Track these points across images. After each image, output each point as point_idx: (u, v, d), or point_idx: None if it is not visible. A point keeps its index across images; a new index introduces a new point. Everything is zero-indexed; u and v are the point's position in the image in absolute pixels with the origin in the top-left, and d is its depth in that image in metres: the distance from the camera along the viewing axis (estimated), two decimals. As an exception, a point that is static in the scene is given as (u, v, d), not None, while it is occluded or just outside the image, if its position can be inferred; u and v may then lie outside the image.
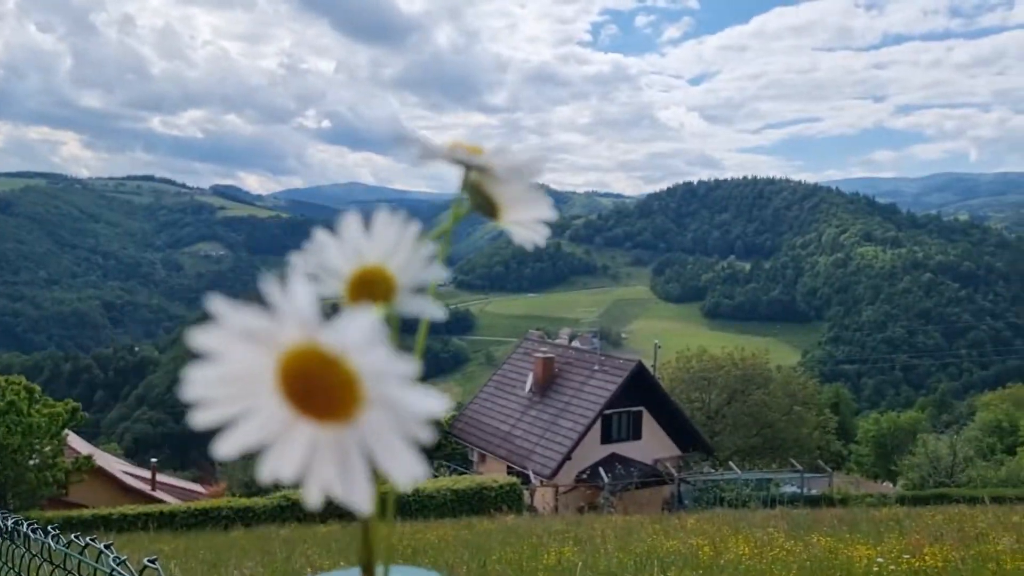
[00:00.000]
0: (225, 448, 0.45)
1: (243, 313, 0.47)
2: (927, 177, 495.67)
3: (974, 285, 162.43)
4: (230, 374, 0.46)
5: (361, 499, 0.47)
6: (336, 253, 0.60)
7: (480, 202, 0.71)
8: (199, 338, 0.46)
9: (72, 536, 2.55)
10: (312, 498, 0.46)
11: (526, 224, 0.74)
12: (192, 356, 0.45)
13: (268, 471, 0.46)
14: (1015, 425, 38.55)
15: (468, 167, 0.68)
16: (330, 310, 0.46)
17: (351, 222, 0.61)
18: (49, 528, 2.79)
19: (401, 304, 0.61)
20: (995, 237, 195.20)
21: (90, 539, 2.40)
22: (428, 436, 0.45)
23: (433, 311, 0.61)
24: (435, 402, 0.46)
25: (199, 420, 0.45)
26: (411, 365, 0.45)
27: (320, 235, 0.61)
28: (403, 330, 0.58)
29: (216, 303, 0.46)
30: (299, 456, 0.46)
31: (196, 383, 0.45)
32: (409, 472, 0.46)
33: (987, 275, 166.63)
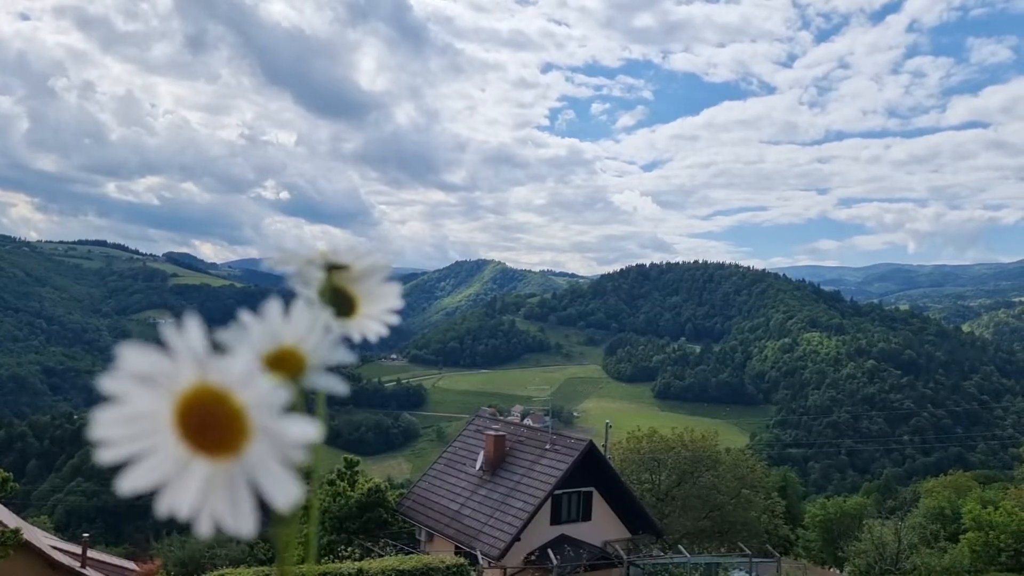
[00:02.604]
0: (127, 485, 0.50)
1: (143, 356, 0.51)
2: (869, 267, 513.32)
3: (915, 373, 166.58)
4: (131, 414, 0.50)
5: (247, 527, 0.52)
6: (258, 332, 0.69)
7: (339, 300, 0.83)
8: (104, 382, 0.50)
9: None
10: (203, 529, 0.52)
11: (377, 316, 0.86)
12: (100, 399, 0.49)
13: (164, 506, 0.51)
14: (957, 512, 39.10)
15: (331, 268, 0.82)
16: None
17: (272, 307, 0.70)
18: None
19: (310, 380, 0.70)
20: (935, 327, 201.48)
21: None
22: (302, 459, 0.51)
23: (337, 387, 0.71)
24: (308, 428, 0.52)
25: (103, 458, 0.50)
26: (286, 393, 0.52)
27: (244, 316, 0.70)
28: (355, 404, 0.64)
29: (122, 348, 0.51)
30: (194, 491, 0.51)
31: (100, 423, 0.50)
32: (288, 495, 0.52)
33: (928, 363, 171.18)
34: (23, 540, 21.64)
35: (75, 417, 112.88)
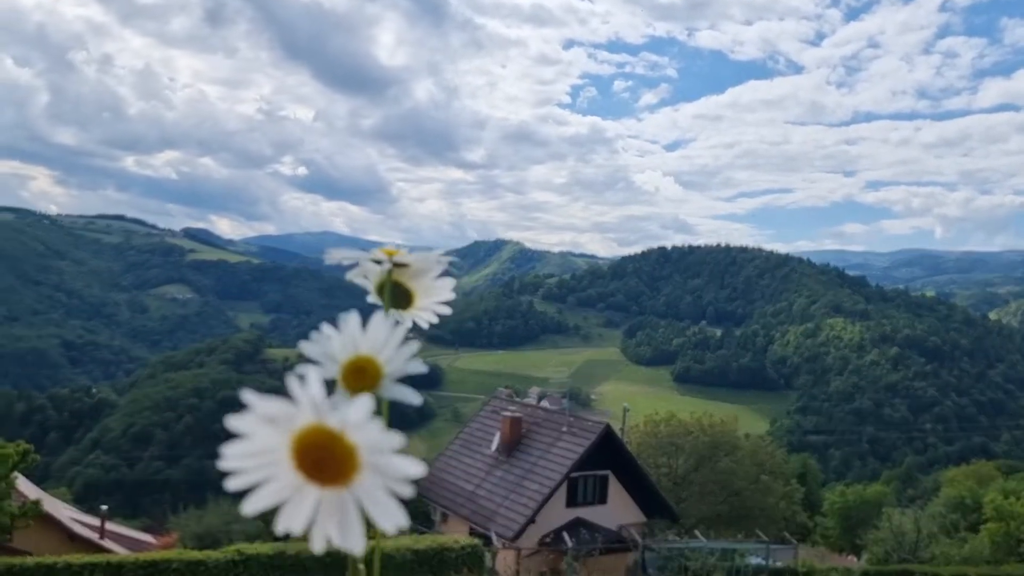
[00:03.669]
0: (250, 507, 0.63)
1: (267, 402, 0.63)
2: (896, 252, 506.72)
3: (940, 360, 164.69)
4: (255, 449, 0.63)
5: (356, 544, 0.63)
6: (337, 343, 0.79)
7: (398, 295, 0.94)
8: (234, 422, 0.63)
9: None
10: (317, 546, 0.62)
11: (430, 307, 0.97)
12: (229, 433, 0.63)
13: (282, 525, 0.63)
14: (978, 502, 38.61)
15: (392, 266, 0.93)
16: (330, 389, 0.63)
17: (351, 320, 0.80)
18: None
19: (385, 389, 0.79)
20: (961, 314, 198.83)
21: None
22: (408, 492, 0.64)
23: (412, 398, 0.80)
24: (414, 467, 0.65)
25: (232, 486, 0.63)
26: (397, 439, 0.64)
27: (326, 328, 0.80)
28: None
29: (247, 395, 0.63)
30: (306, 513, 0.62)
31: (230, 457, 0.63)
32: (394, 521, 0.64)
33: (953, 351, 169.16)
34: (44, 511, 21.87)
35: (93, 391, 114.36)
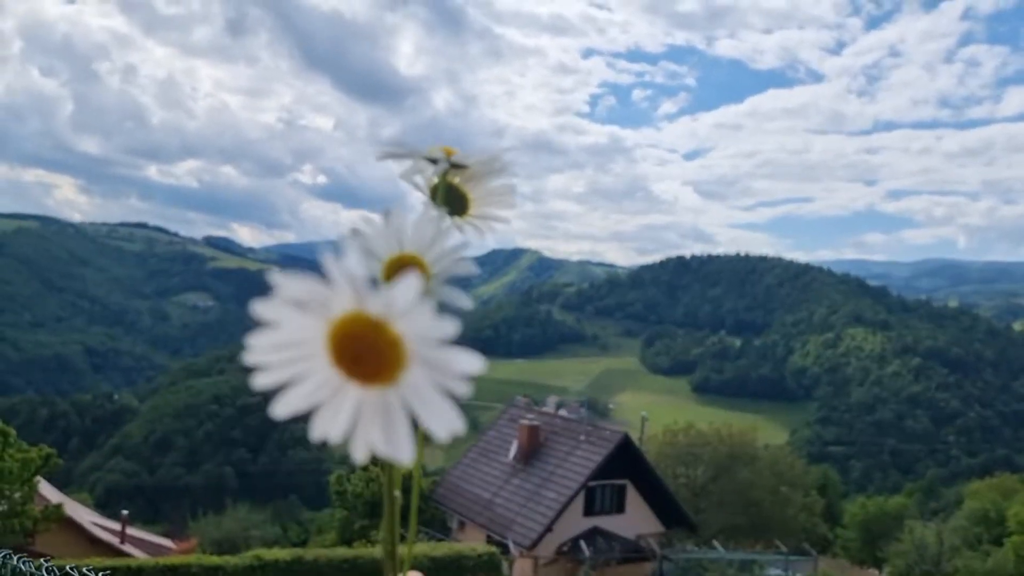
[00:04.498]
0: (280, 409, 0.51)
1: (298, 283, 0.52)
2: (918, 262, 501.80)
3: (963, 372, 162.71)
4: (286, 340, 0.51)
5: (403, 453, 0.51)
6: (380, 238, 0.68)
7: (453, 198, 0.81)
8: (259, 308, 0.51)
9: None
10: (359, 454, 0.51)
11: (489, 216, 0.85)
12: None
13: (318, 431, 0.51)
14: (1002, 515, 38.09)
15: (449, 166, 0.81)
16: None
17: (397, 213, 0.69)
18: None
19: (432, 291, 0.67)
20: (984, 325, 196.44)
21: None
22: (465, 391, 0.50)
23: (461, 300, 0.68)
24: (473, 360, 0.51)
25: (258, 383, 0.51)
26: (451, 327, 0.50)
27: (370, 217, 0.69)
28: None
29: (274, 275, 0.52)
30: (346, 416, 0.51)
31: (255, 349, 0.50)
32: (448, 425, 0.51)
33: (976, 362, 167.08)
34: (65, 515, 22.10)
35: (115, 397, 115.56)
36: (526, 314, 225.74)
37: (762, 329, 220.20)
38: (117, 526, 29.08)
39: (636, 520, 25.64)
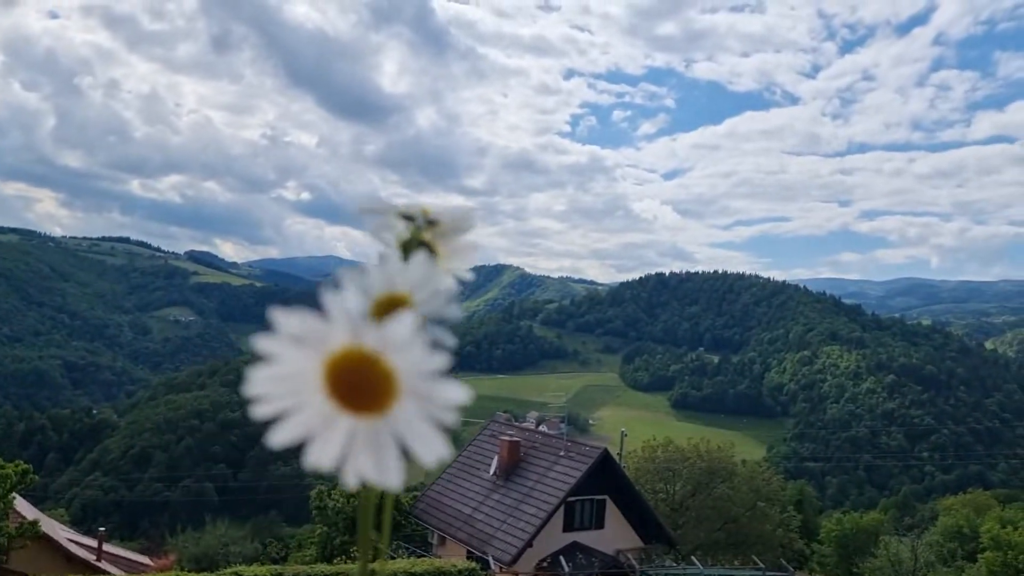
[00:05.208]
0: (276, 439, 0.54)
1: (296, 319, 0.55)
2: (891, 281, 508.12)
3: (936, 389, 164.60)
4: (283, 373, 0.54)
5: (393, 480, 0.55)
6: (375, 277, 0.70)
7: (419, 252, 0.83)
8: (259, 342, 0.54)
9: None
10: (349, 482, 0.54)
11: (454, 271, 0.88)
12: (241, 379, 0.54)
13: (312, 459, 0.54)
14: (976, 531, 38.60)
15: (424, 223, 0.85)
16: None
17: (391, 254, 0.74)
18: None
19: (422, 328, 0.66)
20: (956, 343, 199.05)
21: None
22: (454, 421, 0.55)
23: (447, 340, 0.71)
24: (460, 392, 0.55)
25: (257, 413, 0.54)
26: (443, 360, 0.55)
27: (369, 261, 0.72)
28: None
29: (274, 311, 0.55)
30: (338, 445, 0.54)
31: (255, 381, 0.53)
32: (436, 452, 0.55)
33: (949, 380, 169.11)
34: (41, 532, 21.87)
35: (94, 412, 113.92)
36: (507, 330, 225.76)
37: (740, 346, 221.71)
38: (94, 543, 28.76)
39: (615, 535, 25.77)
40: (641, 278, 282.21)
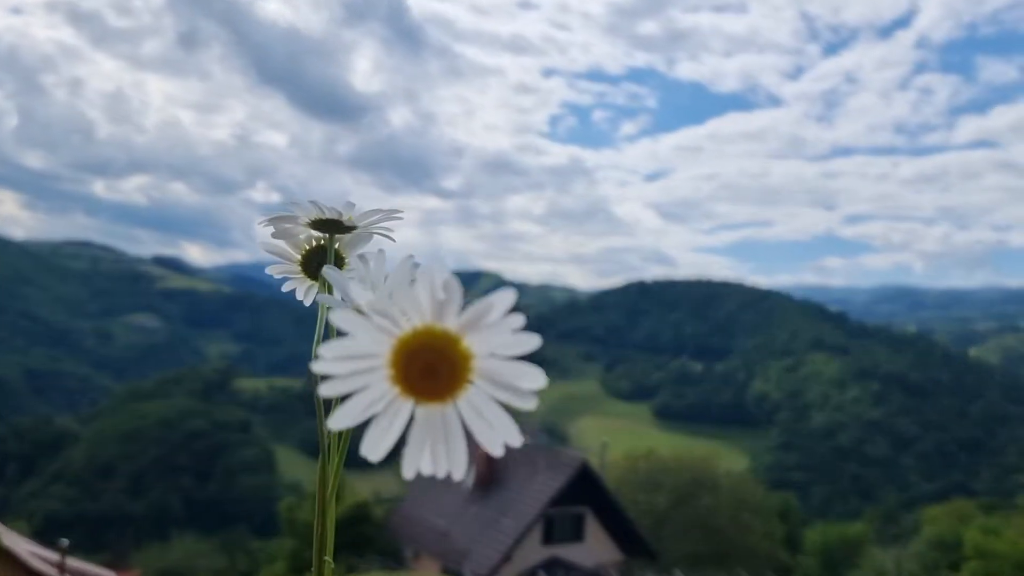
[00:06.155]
0: (338, 420, 0.52)
1: (375, 297, 0.53)
2: (876, 287, 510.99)
3: (921, 397, 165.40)
4: (355, 352, 0.51)
5: (457, 469, 0.52)
6: (374, 274, 0.71)
7: (321, 261, 0.79)
8: (337, 317, 0.51)
9: None
10: (408, 471, 0.52)
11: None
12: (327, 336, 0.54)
13: (370, 443, 0.52)
14: (959, 540, 38.25)
15: (338, 228, 0.79)
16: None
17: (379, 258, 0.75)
18: None
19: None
20: (941, 351, 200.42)
21: None
22: (531, 405, 0.52)
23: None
24: (537, 375, 0.52)
25: (324, 392, 0.51)
26: (533, 341, 0.52)
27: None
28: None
29: (351, 286, 0.55)
30: (398, 430, 0.52)
31: (326, 358, 0.51)
32: (506, 438, 0.52)
33: (934, 388, 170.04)
34: (2, 545, 20.96)
35: (56, 420, 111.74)
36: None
37: (723, 354, 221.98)
38: (56, 556, 27.77)
39: (596, 549, 25.10)
40: (623, 285, 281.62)
